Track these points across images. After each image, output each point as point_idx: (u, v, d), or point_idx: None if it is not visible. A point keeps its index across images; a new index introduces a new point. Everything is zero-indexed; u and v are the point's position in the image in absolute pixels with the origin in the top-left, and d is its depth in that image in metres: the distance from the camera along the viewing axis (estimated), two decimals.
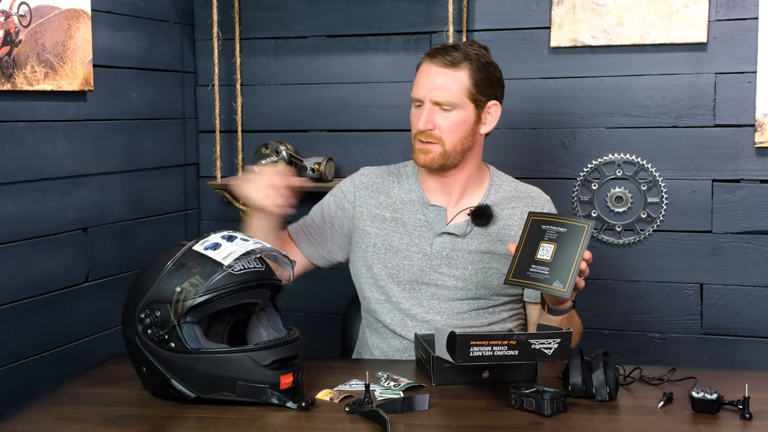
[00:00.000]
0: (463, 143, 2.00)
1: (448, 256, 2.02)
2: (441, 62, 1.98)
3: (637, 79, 2.67)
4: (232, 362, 1.60)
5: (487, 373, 1.73)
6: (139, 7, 2.69)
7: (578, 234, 1.74)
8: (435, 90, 1.97)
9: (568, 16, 2.67)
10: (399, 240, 2.05)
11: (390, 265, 2.04)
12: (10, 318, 2.19)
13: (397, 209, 2.08)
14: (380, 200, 2.10)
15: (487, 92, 2.00)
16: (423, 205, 2.07)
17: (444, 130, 1.98)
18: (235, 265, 1.63)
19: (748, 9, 2.55)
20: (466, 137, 2.00)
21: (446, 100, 1.97)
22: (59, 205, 2.35)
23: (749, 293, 2.63)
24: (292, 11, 2.94)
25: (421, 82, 2.01)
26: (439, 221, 2.05)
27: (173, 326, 1.60)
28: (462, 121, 1.99)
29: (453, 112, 1.98)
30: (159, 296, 1.62)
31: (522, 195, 2.09)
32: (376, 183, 2.13)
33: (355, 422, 1.54)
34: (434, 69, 1.99)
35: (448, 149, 1.99)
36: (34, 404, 1.68)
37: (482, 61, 1.99)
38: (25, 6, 2.17)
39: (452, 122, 1.98)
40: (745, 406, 1.55)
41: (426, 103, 1.98)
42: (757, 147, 2.58)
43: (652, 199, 2.68)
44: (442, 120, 1.98)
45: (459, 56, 1.97)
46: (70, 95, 2.37)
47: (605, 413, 1.60)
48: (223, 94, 2.97)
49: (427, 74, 2.00)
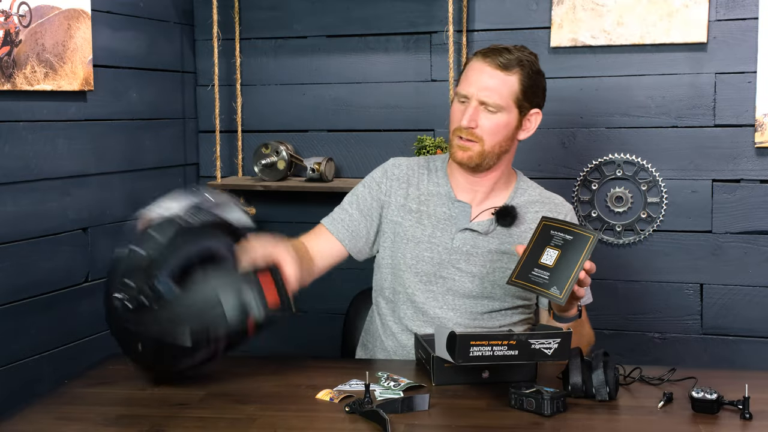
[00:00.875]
0: (501, 146, 2.01)
1: (467, 252, 2.03)
2: (494, 63, 1.97)
3: (637, 79, 2.67)
4: (213, 291, 1.65)
5: (487, 373, 1.73)
6: (139, 7, 2.69)
7: (583, 243, 1.75)
8: (484, 90, 1.97)
9: (568, 16, 2.67)
10: (422, 231, 2.06)
11: (410, 255, 2.05)
12: (10, 318, 2.19)
13: (423, 201, 2.09)
14: (409, 192, 2.10)
15: (532, 99, 2.01)
16: (449, 199, 2.08)
17: (486, 131, 1.98)
18: (187, 218, 1.71)
19: (748, 9, 2.55)
20: (505, 141, 2.01)
21: (494, 102, 1.97)
22: (59, 205, 2.35)
23: (749, 293, 2.63)
24: (292, 11, 2.94)
25: (471, 79, 2.00)
26: (463, 217, 2.05)
27: (148, 286, 1.65)
28: (505, 124, 1.99)
29: (498, 115, 1.98)
30: (123, 268, 1.69)
31: (546, 201, 2.10)
32: (407, 174, 2.13)
33: (355, 422, 1.54)
34: (486, 69, 1.98)
35: (486, 150, 1.99)
36: (34, 404, 1.68)
37: (533, 69, 2.00)
38: (25, 6, 2.17)
39: (495, 124, 1.98)
40: (745, 406, 1.55)
41: (472, 101, 1.98)
42: (757, 147, 2.58)
43: (652, 199, 2.68)
44: (485, 120, 1.98)
45: (513, 60, 1.97)
46: (70, 95, 2.37)
47: (605, 413, 1.59)
48: (223, 94, 2.97)
49: (479, 73, 1.99)
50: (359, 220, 2.11)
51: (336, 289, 2.88)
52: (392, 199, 2.10)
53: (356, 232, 2.11)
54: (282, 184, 2.85)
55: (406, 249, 2.06)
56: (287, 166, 2.83)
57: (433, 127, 2.83)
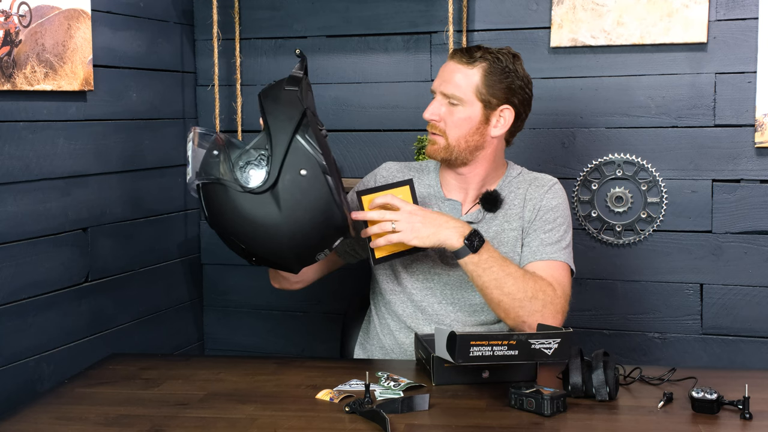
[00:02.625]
0: (467, 141, 2.02)
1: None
2: (458, 59, 2.03)
3: (637, 79, 2.67)
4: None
5: (487, 373, 1.73)
6: (139, 7, 2.69)
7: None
8: (445, 83, 2.02)
9: (568, 16, 2.67)
10: None
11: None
12: (10, 318, 2.19)
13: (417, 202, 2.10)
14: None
15: (497, 94, 2.01)
16: (439, 199, 2.10)
17: (448, 124, 2.02)
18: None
19: (748, 9, 2.55)
20: (470, 135, 2.02)
21: (452, 93, 2.01)
22: (59, 205, 2.35)
23: (749, 293, 2.63)
24: (292, 11, 2.94)
25: (439, 74, 2.07)
26: (454, 214, 2.07)
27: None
28: (466, 118, 2.01)
29: (458, 108, 2.01)
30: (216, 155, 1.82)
31: (528, 179, 2.12)
32: (397, 177, 2.15)
33: (355, 422, 1.54)
34: (451, 64, 2.05)
35: (451, 143, 2.02)
36: (34, 404, 1.68)
37: (501, 65, 2.01)
38: (25, 6, 2.17)
39: (456, 117, 2.01)
40: (745, 406, 1.55)
41: (437, 95, 2.04)
42: (757, 147, 2.58)
43: (652, 199, 2.68)
44: (447, 114, 2.02)
45: (477, 55, 2.02)
46: (70, 95, 2.37)
47: (605, 413, 1.60)
48: (223, 94, 2.97)
49: (444, 68, 2.06)
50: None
51: (334, 291, 2.89)
52: None
53: (349, 242, 2.13)
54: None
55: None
56: None
57: None
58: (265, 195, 1.75)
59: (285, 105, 1.80)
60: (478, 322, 2.04)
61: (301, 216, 1.75)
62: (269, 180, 1.74)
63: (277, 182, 1.75)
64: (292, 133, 1.77)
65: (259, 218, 1.75)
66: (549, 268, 1.98)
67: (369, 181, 2.19)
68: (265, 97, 1.83)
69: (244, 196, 1.75)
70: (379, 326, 2.12)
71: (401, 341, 2.06)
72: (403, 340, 2.06)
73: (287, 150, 1.76)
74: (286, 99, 1.81)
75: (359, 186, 2.16)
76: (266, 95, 1.84)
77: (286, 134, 1.76)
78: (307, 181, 1.75)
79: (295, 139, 1.77)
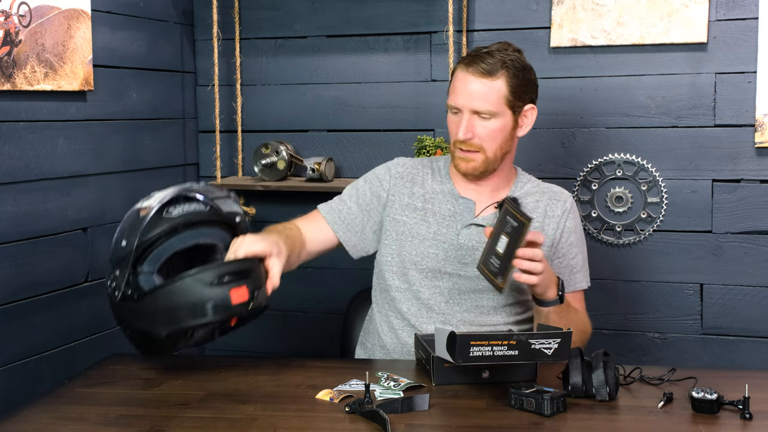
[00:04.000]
0: (502, 149, 2.02)
1: (473, 248, 2.03)
2: (478, 71, 1.97)
3: (637, 79, 2.67)
4: (182, 289, 1.63)
5: (487, 373, 1.73)
6: (139, 7, 2.69)
7: (521, 230, 1.74)
8: (474, 100, 1.97)
9: (568, 16, 2.67)
10: (427, 229, 2.07)
11: (415, 253, 2.06)
12: (10, 318, 2.19)
13: (428, 199, 2.09)
14: (414, 190, 2.11)
15: (523, 97, 2.01)
16: (453, 196, 2.09)
17: (484, 139, 1.99)
18: (172, 211, 1.69)
19: (748, 9, 2.55)
20: (505, 143, 2.02)
21: (486, 109, 1.97)
22: (59, 205, 2.35)
23: (749, 293, 2.63)
24: (292, 11, 2.94)
25: (458, 90, 2.00)
26: (468, 213, 2.06)
27: (128, 280, 1.67)
28: (501, 128, 2.00)
29: (492, 120, 1.98)
30: (113, 257, 1.71)
31: (545, 191, 2.12)
32: (411, 173, 2.14)
33: (355, 422, 1.54)
34: (471, 78, 1.98)
35: (489, 156, 2.01)
36: (34, 404, 1.68)
37: (518, 67, 1.99)
38: (25, 6, 2.17)
39: (492, 130, 1.99)
40: (745, 406, 1.55)
41: (465, 113, 1.99)
42: (757, 147, 2.58)
43: (652, 199, 2.68)
44: (482, 129, 1.99)
45: (496, 64, 1.97)
46: (70, 95, 2.37)
47: (605, 413, 1.59)
48: (223, 94, 2.97)
49: (465, 83, 1.99)
50: (356, 214, 2.12)
51: (335, 289, 2.89)
52: (396, 198, 2.11)
53: (351, 224, 2.12)
54: (282, 184, 2.85)
55: (411, 246, 2.06)
56: (287, 166, 2.83)
57: (433, 127, 2.83)
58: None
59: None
60: (484, 323, 2.03)
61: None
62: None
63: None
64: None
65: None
66: (578, 299, 2.12)
67: (383, 175, 2.14)
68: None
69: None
70: (380, 324, 2.12)
71: (404, 341, 2.06)
72: (406, 339, 2.06)
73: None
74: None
75: (406, 179, 2.10)
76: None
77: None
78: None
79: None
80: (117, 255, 1.70)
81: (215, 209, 1.75)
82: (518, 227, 1.74)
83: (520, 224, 1.74)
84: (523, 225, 1.72)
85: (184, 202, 1.72)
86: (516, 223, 1.75)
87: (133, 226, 1.70)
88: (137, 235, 1.67)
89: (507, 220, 1.78)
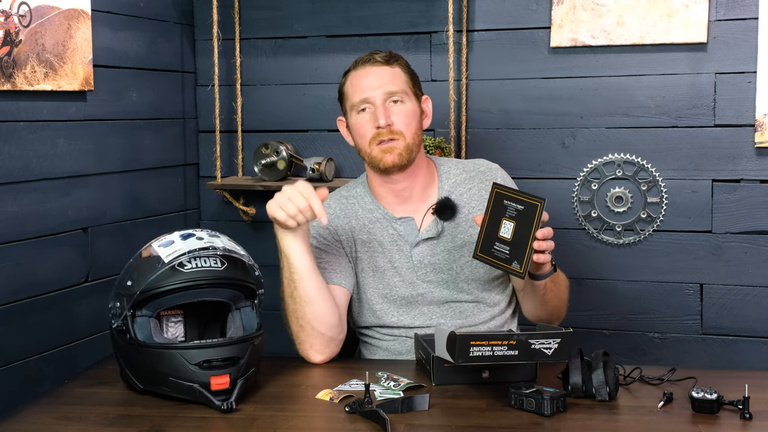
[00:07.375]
0: (419, 135, 2.01)
1: (430, 263, 2.00)
2: (376, 62, 2.00)
3: (637, 79, 2.67)
4: (164, 358, 1.62)
5: (487, 373, 1.73)
6: (139, 7, 2.69)
7: (533, 212, 1.73)
8: (383, 84, 1.97)
9: (568, 16, 2.67)
10: (381, 259, 2.01)
11: (381, 286, 2.02)
12: (10, 318, 2.19)
13: (369, 230, 2.03)
14: (352, 224, 2.05)
15: (419, 86, 2.04)
16: (389, 220, 2.03)
17: (402, 123, 1.97)
18: (187, 264, 1.65)
19: (748, 9, 2.55)
20: (418, 129, 2.01)
21: (398, 88, 1.97)
22: (59, 205, 2.35)
23: (749, 293, 2.63)
24: (292, 11, 2.94)
25: (363, 84, 1.98)
26: (411, 231, 2.02)
27: (125, 317, 1.66)
28: (413, 111, 2.00)
29: (405, 104, 1.98)
30: (117, 288, 1.70)
31: (472, 173, 2.07)
32: (341, 211, 2.07)
33: (355, 422, 1.54)
34: (372, 69, 1.99)
35: (409, 142, 1.97)
36: (34, 404, 1.68)
37: (405, 62, 2.04)
38: (25, 6, 2.17)
39: (406, 113, 1.98)
40: (745, 406, 1.55)
41: (377, 102, 1.96)
42: (757, 147, 2.58)
43: (652, 199, 2.68)
44: (397, 113, 1.97)
45: (388, 57, 2.01)
46: (70, 95, 2.37)
47: (605, 413, 1.59)
48: (223, 94, 2.97)
49: (367, 75, 1.99)
50: (339, 259, 2.03)
51: None
52: (342, 237, 2.04)
53: (345, 270, 2.02)
54: (282, 184, 2.83)
55: (375, 281, 2.01)
56: (287, 166, 2.83)
57: (433, 127, 2.83)
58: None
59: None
60: (470, 324, 2.01)
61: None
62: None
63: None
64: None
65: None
66: None
67: (322, 229, 2.02)
68: None
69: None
70: (372, 347, 2.08)
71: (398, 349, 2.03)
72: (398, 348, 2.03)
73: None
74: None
75: (341, 217, 2.05)
76: None
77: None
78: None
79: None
80: (122, 289, 1.68)
81: (229, 271, 1.70)
82: (528, 209, 1.73)
83: (530, 206, 1.73)
84: (536, 207, 1.72)
85: (199, 257, 1.68)
86: (522, 207, 1.74)
87: (143, 271, 1.66)
88: (144, 281, 1.65)
89: (506, 205, 1.77)
